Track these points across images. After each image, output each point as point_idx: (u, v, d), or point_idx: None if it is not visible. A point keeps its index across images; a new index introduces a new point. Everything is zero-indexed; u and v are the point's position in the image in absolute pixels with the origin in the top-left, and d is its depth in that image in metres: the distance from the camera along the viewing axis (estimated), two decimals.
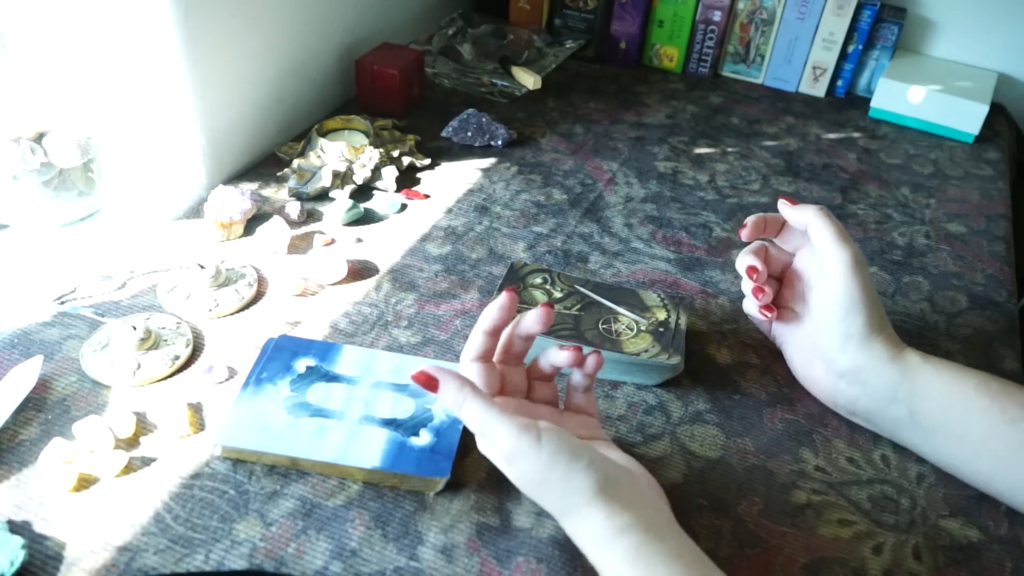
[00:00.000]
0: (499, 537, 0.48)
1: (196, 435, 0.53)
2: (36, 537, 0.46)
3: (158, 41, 0.67)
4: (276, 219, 0.71)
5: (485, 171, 0.85)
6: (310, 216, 0.75)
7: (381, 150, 0.81)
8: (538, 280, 0.64)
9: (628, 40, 1.11)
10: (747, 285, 0.58)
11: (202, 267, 0.63)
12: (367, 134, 0.84)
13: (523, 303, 0.61)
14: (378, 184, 0.79)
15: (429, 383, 0.44)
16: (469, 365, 0.48)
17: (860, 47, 1.05)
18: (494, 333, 0.49)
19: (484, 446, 0.45)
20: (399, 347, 0.61)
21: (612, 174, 0.87)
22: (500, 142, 0.89)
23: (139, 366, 0.56)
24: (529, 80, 0.97)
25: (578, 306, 0.62)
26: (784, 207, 0.57)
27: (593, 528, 0.42)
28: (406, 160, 0.82)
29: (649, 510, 0.43)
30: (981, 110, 0.98)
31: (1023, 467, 0.50)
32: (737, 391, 0.60)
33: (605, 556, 0.42)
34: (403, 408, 0.54)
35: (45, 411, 0.53)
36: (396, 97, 0.91)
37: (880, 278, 0.74)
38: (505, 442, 0.42)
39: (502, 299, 0.48)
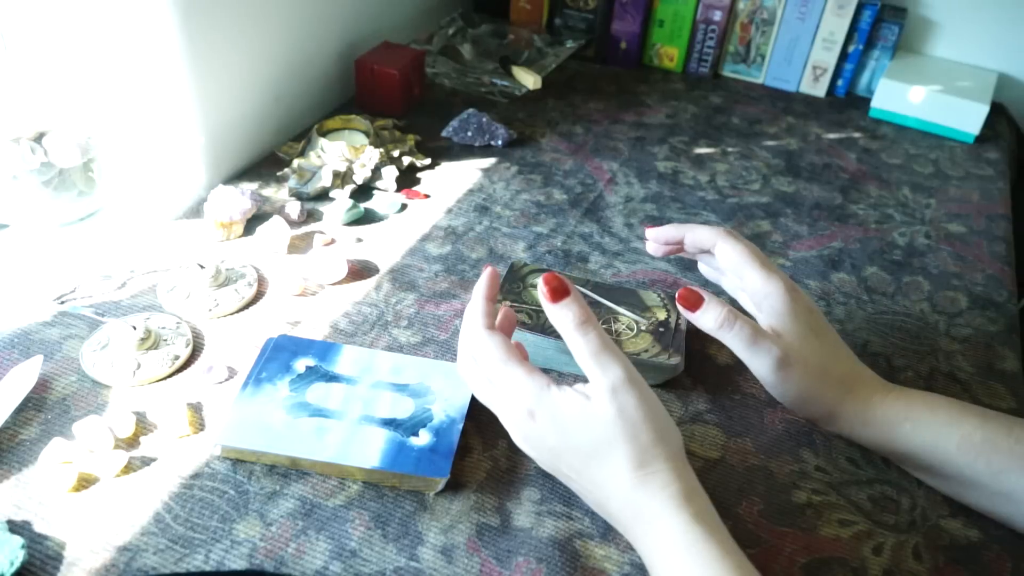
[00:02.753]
0: (499, 537, 0.48)
1: (196, 435, 0.53)
2: (36, 537, 0.46)
3: (158, 40, 0.67)
4: (276, 219, 0.71)
5: (485, 171, 0.85)
6: (310, 216, 0.75)
7: (381, 150, 0.81)
8: (538, 280, 0.64)
9: (628, 40, 1.11)
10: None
11: (202, 267, 0.63)
12: (367, 134, 0.84)
13: (524, 303, 0.61)
14: (378, 184, 0.79)
15: (557, 292, 0.47)
16: (485, 333, 0.48)
17: (860, 47, 1.05)
18: (493, 299, 0.51)
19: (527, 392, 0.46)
20: (399, 347, 0.61)
21: (612, 174, 0.87)
22: (500, 142, 0.89)
23: (139, 366, 0.56)
24: (529, 80, 0.97)
25: None
26: (668, 230, 0.58)
27: (669, 482, 0.43)
28: (406, 160, 0.82)
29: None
30: (981, 110, 0.98)
31: (1011, 510, 0.49)
32: (737, 391, 0.60)
33: (676, 515, 0.43)
34: (402, 408, 0.54)
35: (45, 411, 0.53)
36: (396, 97, 0.91)
37: (880, 278, 0.74)
38: (622, 369, 0.44)
39: (489, 272, 0.51)
